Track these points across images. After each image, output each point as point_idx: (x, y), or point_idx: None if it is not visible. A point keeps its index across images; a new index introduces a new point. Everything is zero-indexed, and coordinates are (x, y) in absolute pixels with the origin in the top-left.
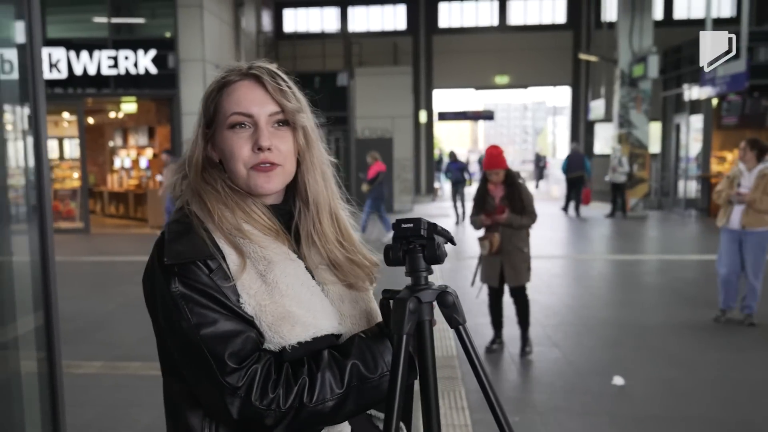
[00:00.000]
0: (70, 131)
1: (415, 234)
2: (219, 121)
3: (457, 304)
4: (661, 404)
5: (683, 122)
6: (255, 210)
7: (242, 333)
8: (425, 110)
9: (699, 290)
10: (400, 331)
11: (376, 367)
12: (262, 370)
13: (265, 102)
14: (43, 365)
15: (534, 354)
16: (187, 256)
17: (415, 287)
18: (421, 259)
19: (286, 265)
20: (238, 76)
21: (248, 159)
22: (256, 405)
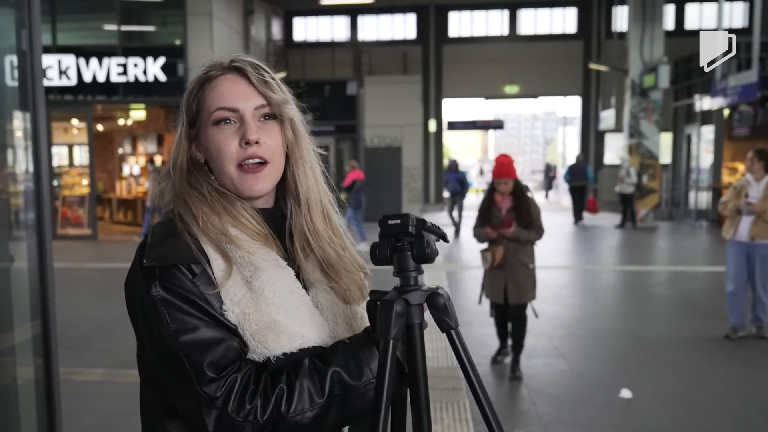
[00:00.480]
0: (80, 138)
1: (403, 231)
2: (202, 119)
3: (449, 306)
4: (670, 418)
5: (694, 133)
6: (243, 214)
7: (224, 341)
8: (435, 119)
9: (709, 302)
10: (387, 336)
11: (361, 374)
12: (241, 380)
13: (250, 95)
14: (40, 373)
15: (540, 365)
16: (169, 260)
17: (403, 288)
18: (409, 257)
19: (273, 272)
20: (219, 70)
21: (236, 155)
22: (233, 417)
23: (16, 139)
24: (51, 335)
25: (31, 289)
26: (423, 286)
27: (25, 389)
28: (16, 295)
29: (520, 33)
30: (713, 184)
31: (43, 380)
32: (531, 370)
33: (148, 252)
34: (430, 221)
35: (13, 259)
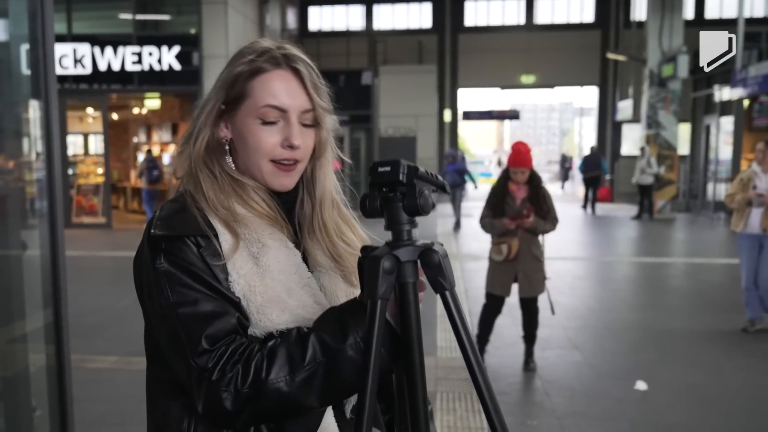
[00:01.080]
0: (95, 127)
1: (394, 180)
2: (246, 107)
3: (445, 264)
4: (685, 411)
5: (713, 124)
6: (254, 197)
7: (223, 315)
8: (450, 109)
9: (726, 295)
10: (374, 295)
11: (345, 337)
12: (231, 351)
13: (300, 97)
14: (52, 360)
15: (554, 357)
16: (177, 230)
17: (394, 243)
18: (400, 209)
19: (280, 252)
20: (274, 64)
21: (274, 153)
22: (216, 386)
23: (31, 128)
24: (63, 323)
25: (43, 277)
26: (417, 241)
27: (38, 376)
28: (29, 283)
29: (536, 22)
30: (732, 175)
31: (55, 368)
32: (545, 362)
33: (156, 223)
34: (427, 169)
35: (25, 246)
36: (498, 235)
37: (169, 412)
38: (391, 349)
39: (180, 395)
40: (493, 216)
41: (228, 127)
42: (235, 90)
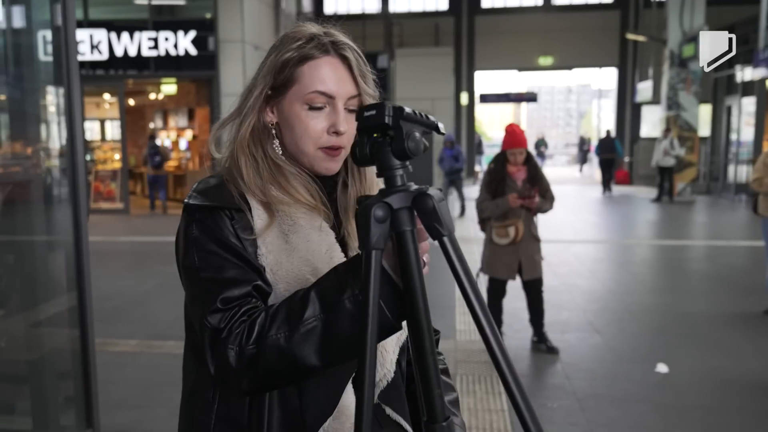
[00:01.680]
0: (112, 113)
1: (380, 123)
2: (293, 92)
3: (441, 209)
4: (707, 394)
5: (735, 104)
6: (293, 184)
7: (243, 283)
8: (467, 92)
9: (748, 277)
10: (367, 245)
11: (343, 290)
12: (241, 311)
13: (347, 84)
14: (76, 343)
15: (574, 340)
16: (211, 200)
17: (386, 191)
18: (389, 153)
19: (311, 233)
20: (323, 51)
21: (320, 140)
22: (224, 344)
23: (50, 114)
24: (87, 306)
25: (67, 262)
26: (410, 186)
27: (62, 359)
28: (53, 268)
29: (554, 3)
30: (754, 157)
31: (80, 351)
32: (565, 344)
33: (193, 194)
34: (415, 109)
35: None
36: (501, 218)
37: (198, 380)
38: (392, 303)
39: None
40: (489, 199)
41: (274, 111)
42: (283, 76)
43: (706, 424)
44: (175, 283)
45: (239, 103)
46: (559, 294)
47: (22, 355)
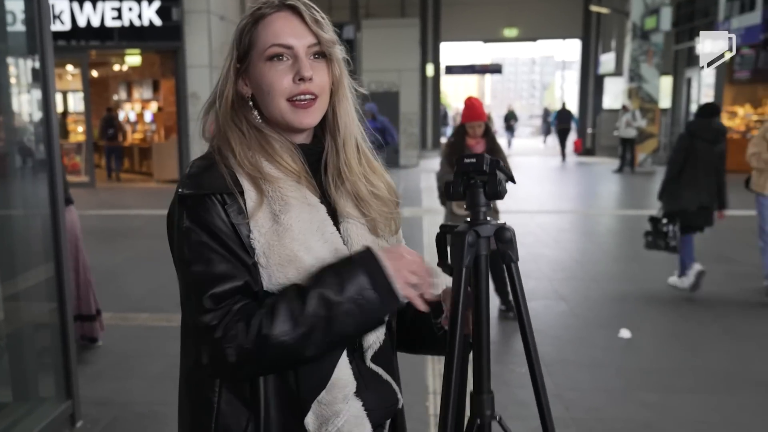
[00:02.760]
0: (74, 85)
1: (478, 169)
2: (255, 55)
3: (514, 241)
4: (668, 356)
5: (695, 76)
6: (279, 152)
7: (232, 278)
8: (432, 63)
9: (707, 245)
10: (460, 264)
11: (344, 290)
12: (232, 310)
13: (303, 33)
14: (54, 316)
15: (541, 307)
16: (204, 188)
17: (474, 222)
18: (481, 194)
19: (302, 209)
20: (273, 8)
21: (288, 90)
22: (219, 342)
23: (22, 86)
24: (64, 277)
25: (44, 233)
26: (492, 220)
27: (41, 331)
28: (28, 240)
29: None
30: None
31: (58, 322)
32: (532, 312)
33: (184, 181)
34: (502, 162)
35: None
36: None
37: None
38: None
39: None
40: (451, 172)
41: (247, 82)
42: (243, 44)
43: (666, 385)
44: (146, 256)
45: (216, 84)
46: (526, 263)
47: (1, 327)
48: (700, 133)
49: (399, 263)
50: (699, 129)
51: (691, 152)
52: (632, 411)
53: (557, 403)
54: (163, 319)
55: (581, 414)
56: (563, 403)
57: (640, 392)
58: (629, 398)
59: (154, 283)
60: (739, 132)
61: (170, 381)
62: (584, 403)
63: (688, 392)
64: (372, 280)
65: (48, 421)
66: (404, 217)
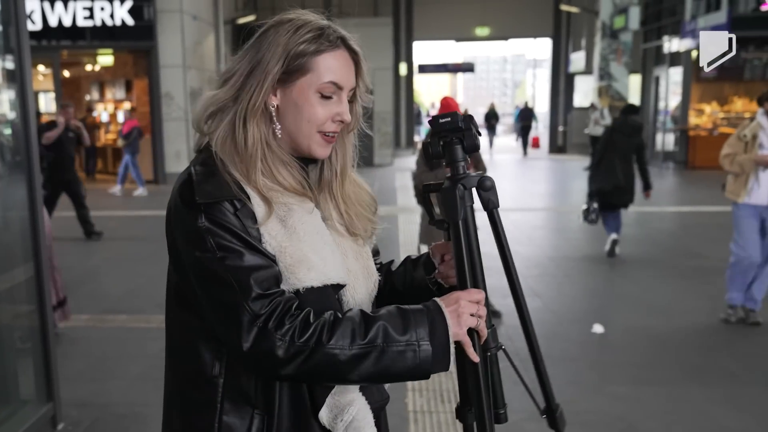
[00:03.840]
0: (46, 85)
1: (453, 127)
2: (306, 80)
3: (494, 187)
4: (640, 351)
5: (663, 75)
6: (282, 172)
7: (267, 267)
8: (405, 62)
9: (676, 241)
10: (456, 218)
11: (405, 331)
12: (285, 303)
13: (352, 77)
14: (33, 317)
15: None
16: (216, 196)
17: (456, 176)
18: (459, 149)
19: (303, 215)
20: (335, 44)
21: (323, 124)
22: (271, 333)
23: None
24: (43, 277)
25: (22, 233)
26: (471, 172)
27: (21, 332)
28: (7, 241)
29: None
30: (680, 126)
31: (38, 324)
32: (507, 308)
33: (197, 190)
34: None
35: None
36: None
37: (201, 358)
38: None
39: (210, 342)
40: (426, 171)
41: (277, 95)
42: (297, 63)
43: (638, 378)
44: (122, 257)
45: (233, 83)
46: (500, 261)
47: None
48: (620, 128)
49: (460, 309)
50: (619, 125)
51: (611, 143)
52: (605, 404)
53: None
54: (142, 320)
55: None
56: (537, 397)
57: (612, 385)
58: (602, 391)
59: (131, 283)
60: (706, 129)
61: (151, 382)
62: (558, 397)
63: (659, 385)
64: (432, 333)
65: (29, 424)
66: (380, 216)
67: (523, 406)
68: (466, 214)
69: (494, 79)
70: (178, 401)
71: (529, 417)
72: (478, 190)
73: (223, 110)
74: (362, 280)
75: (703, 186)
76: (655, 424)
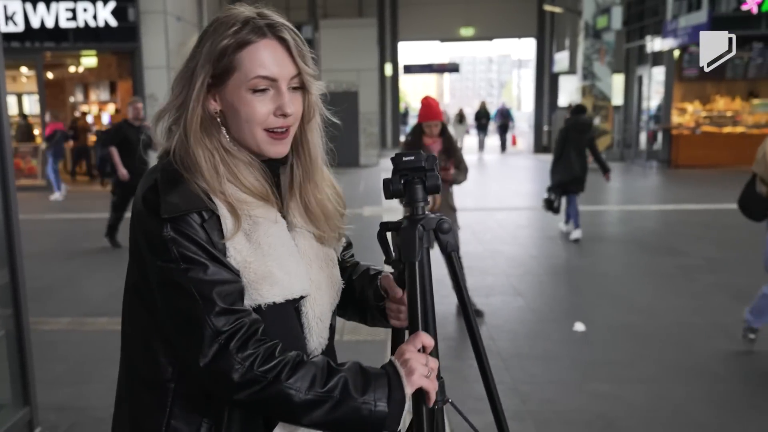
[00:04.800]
0: (29, 87)
1: (416, 167)
2: (236, 80)
3: (454, 230)
4: (621, 349)
5: (645, 74)
6: (245, 174)
7: (232, 282)
8: (391, 63)
9: (659, 239)
10: (413, 258)
11: (364, 392)
12: (251, 326)
13: (287, 65)
14: (9, 322)
15: (498, 303)
16: (182, 208)
17: (415, 216)
18: (420, 189)
19: (269, 226)
20: (259, 34)
21: (266, 121)
22: (231, 354)
23: None
24: (19, 283)
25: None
26: (430, 214)
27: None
28: None
29: None
30: (663, 125)
31: (14, 330)
32: (490, 308)
33: (162, 204)
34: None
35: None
36: None
37: (155, 360)
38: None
39: (167, 345)
40: None
41: (216, 99)
42: (222, 63)
43: (619, 377)
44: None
45: (177, 93)
46: (484, 260)
47: None
48: (573, 126)
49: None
50: (572, 123)
51: (567, 140)
52: (586, 402)
53: (513, 396)
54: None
55: (536, 406)
56: (519, 396)
57: (593, 383)
58: (583, 389)
59: (112, 287)
60: (688, 128)
61: None
62: (540, 395)
63: (639, 382)
64: (390, 397)
65: (5, 428)
66: (364, 216)
67: None
68: (423, 256)
69: (480, 79)
70: (128, 401)
71: None
72: (436, 232)
73: (176, 122)
74: (325, 289)
75: (686, 184)
76: (636, 422)
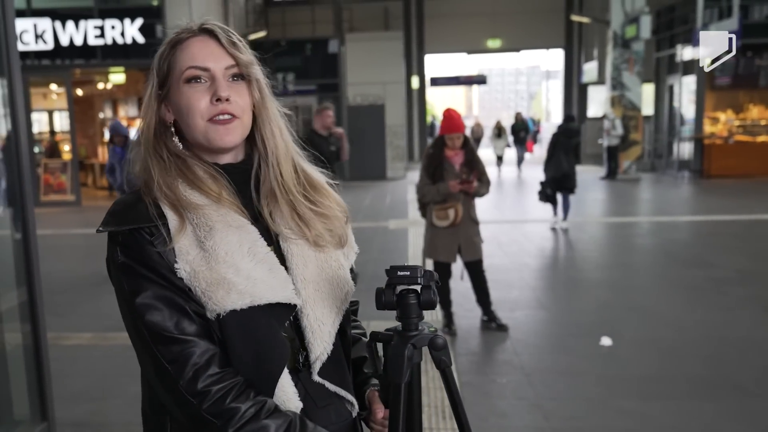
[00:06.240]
0: (59, 104)
1: (412, 281)
2: (173, 79)
3: (447, 347)
4: (648, 364)
5: (676, 83)
6: (200, 178)
7: (178, 305)
8: (417, 76)
9: (690, 251)
10: (400, 380)
11: None
12: (200, 354)
13: (220, 56)
14: (28, 338)
15: (522, 317)
16: (125, 224)
17: (407, 333)
18: (415, 306)
19: (227, 232)
20: (189, 33)
21: (206, 111)
22: (187, 386)
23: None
24: (37, 301)
25: (15, 257)
26: (423, 330)
27: (14, 355)
28: (1, 263)
29: None
30: (695, 134)
31: (32, 346)
32: (514, 322)
33: (106, 218)
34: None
35: None
36: (440, 200)
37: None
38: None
39: None
40: (429, 183)
41: (169, 108)
42: (162, 69)
43: (646, 393)
44: None
45: (142, 115)
46: (509, 273)
47: None
48: (563, 132)
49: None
50: (562, 130)
51: (558, 144)
52: (612, 419)
53: (536, 412)
54: None
55: (560, 423)
56: (542, 412)
57: (619, 400)
58: (609, 406)
59: None
60: (721, 137)
61: None
62: (563, 412)
63: (668, 399)
64: None
65: None
66: (390, 229)
67: None
68: (412, 377)
69: (509, 90)
70: (143, 418)
71: None
72: (430, 349)
73: (139, 141)
74: (326, 293)
75: (718, 195)
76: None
